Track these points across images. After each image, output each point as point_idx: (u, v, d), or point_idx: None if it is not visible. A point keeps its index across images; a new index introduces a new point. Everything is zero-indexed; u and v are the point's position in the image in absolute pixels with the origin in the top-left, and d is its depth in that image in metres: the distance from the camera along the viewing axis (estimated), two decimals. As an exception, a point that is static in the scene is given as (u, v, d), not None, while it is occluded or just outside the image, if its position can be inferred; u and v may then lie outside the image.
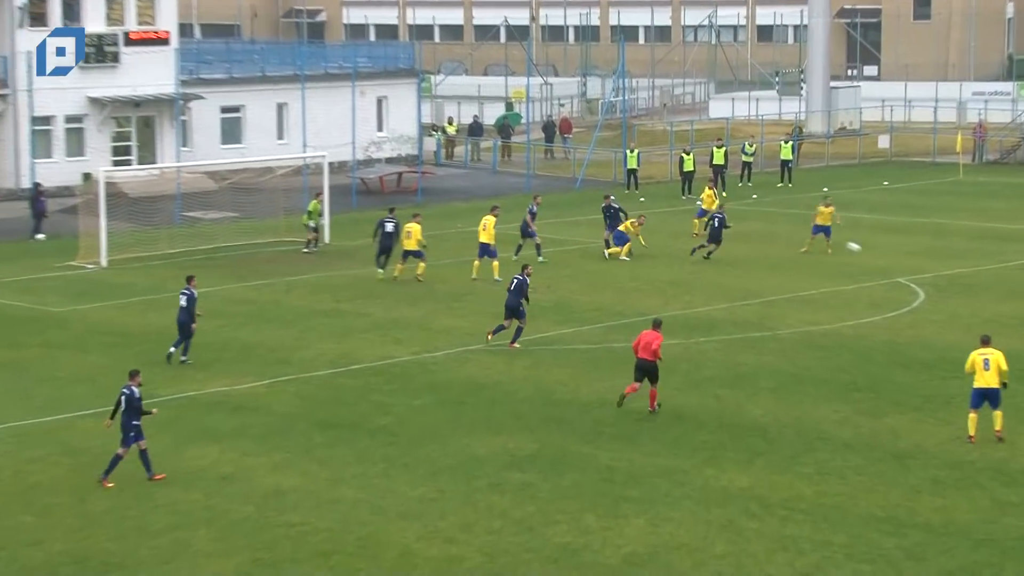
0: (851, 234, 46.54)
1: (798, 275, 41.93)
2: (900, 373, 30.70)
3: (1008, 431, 26.17)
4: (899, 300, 38.39)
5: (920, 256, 44.97)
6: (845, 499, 22.96)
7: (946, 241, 48.22)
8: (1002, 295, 38.85)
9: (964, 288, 39.90)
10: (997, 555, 20.53)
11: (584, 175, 65.76)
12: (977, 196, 59.30)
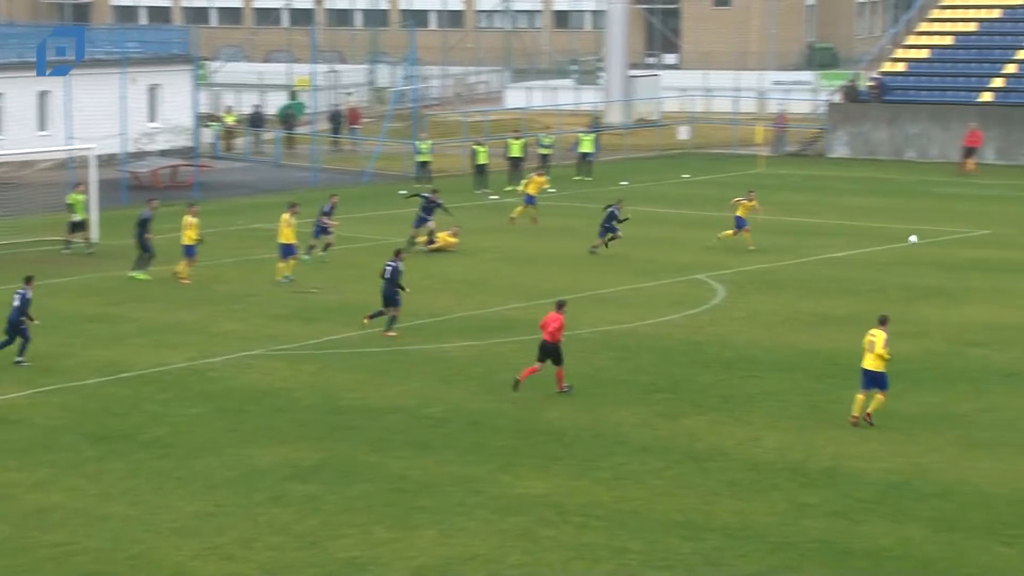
0: (652, 229, 47.44)
1: (597, 272, 42.59)
2: (700, 373, 31.42)
3: (806, 431, 27.02)
4: (699, 297, 39.26)
5: (721, 252, 46.00)
6: (642, 504, 23.45)
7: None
8: (802, 292, 40.01)
9: (764, 285, 40.96)
10: (795, 558, 21.18)
11: (373, 168, 65.81)
12: (778, 189, 60.84)
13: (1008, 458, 25.40)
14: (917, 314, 36.85)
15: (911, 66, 74.80)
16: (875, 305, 37.87)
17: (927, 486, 24.09)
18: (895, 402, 28.74)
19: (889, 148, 72.22)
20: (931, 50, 74.95)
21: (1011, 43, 73.04)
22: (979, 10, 75.56)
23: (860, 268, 43.52)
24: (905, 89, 73.70)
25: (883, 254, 45.99)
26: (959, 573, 20.56)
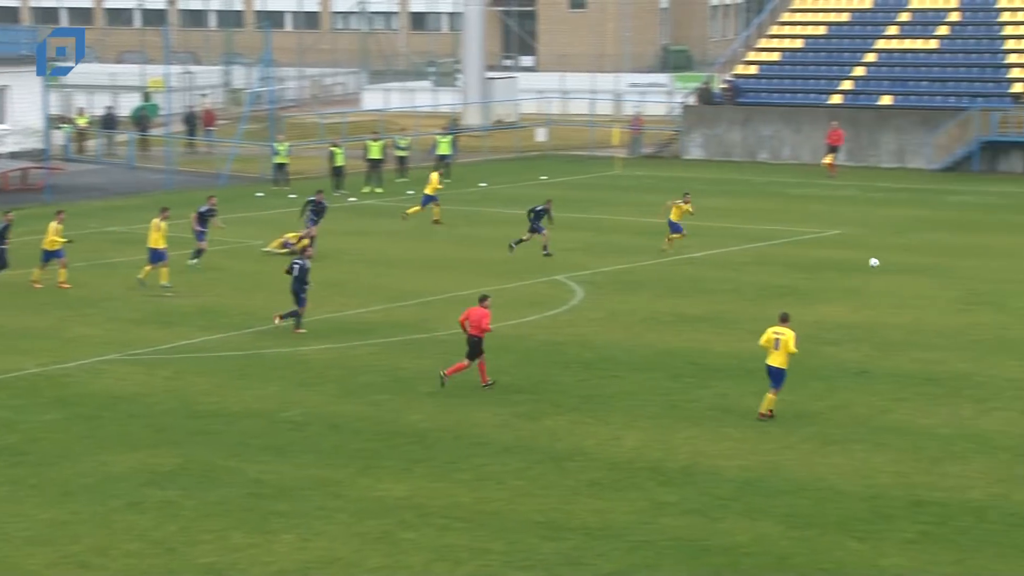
0: (510, 230, 47.56)
1: (457, 274, 42.61)
2: (560, 373, 31.57)
3: (665, 430, 27.29)
4: (558, 298, 39.45)
5: (579, 252, 46.30)
6: (504, 505, 23.51)
7: (605, 237, 49.76)
8: (660, 292, 40.35)
9: (623, 285, 41.27)
10: (653, 556, 21.37)
11: (230, 170, 65.25)
12: (635, 190, 61.39)
13: (860, 455, 25.82)
14: (771, 313, 37.12)
15: (763, 69, 75.86)
16: (731, 305, 38.40)
17: (782, 483, 24.41)
18: (750, 400, 29.13)
19: (743, 150, 73.11)
20: (782, 53, 76.07)
21: (859, 46, 74.36)
22: (828, 13, 76.80)
23: (716, 268, 44.03)
24: (757, 91, 74.70)
25: (738, 254, 46.56)
26: (813, 568, 20.85)
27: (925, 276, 42.23)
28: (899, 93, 71.08)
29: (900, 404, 29.00)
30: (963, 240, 48.76)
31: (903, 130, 69.23)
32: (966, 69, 70.90)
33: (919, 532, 22.08)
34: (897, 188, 62.48)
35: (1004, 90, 68.86)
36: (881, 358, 32.71)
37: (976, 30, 72.59)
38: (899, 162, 68.94)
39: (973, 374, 31.10)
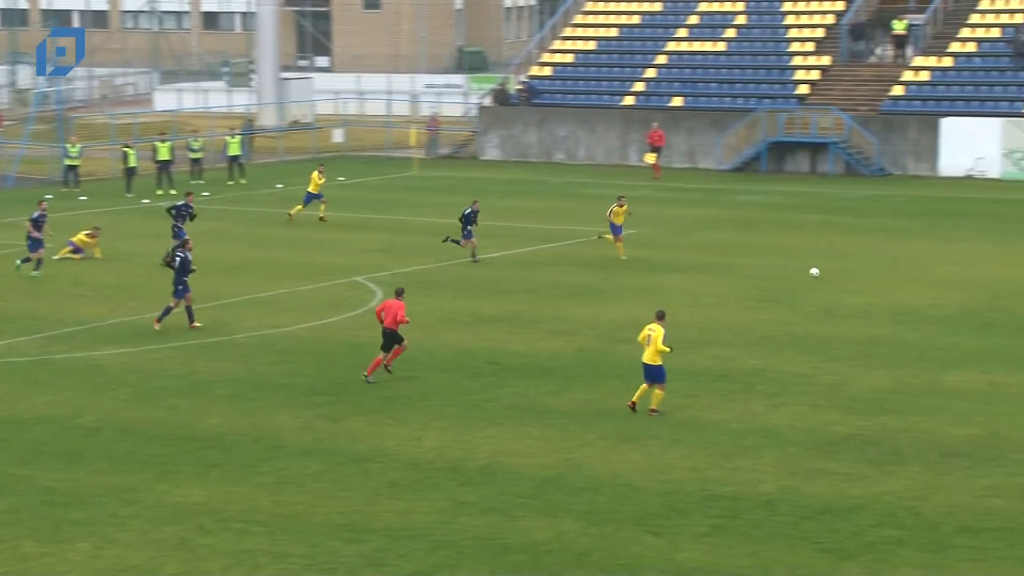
0: (308, 232, 47.28)
1: (254, 276, 42.25)
2: (360, 375, 31.47)
3: (464, 430, 27.39)
4: (358, 299, 39.33)
5: (378, 254, 46.24)
6: (304, 508, 23.39)
7: (404, 238, 49.74)
8: (458, 292, 40.48)
9: (422, 286, 41.23)
10: (454, 555, 21.44)
11: (17, 172, 63.77)
12: (433, 191, 61.50)
13: (655, 451, 26.20)
14: (569, 312, 37.72)
15: (557, 70, 76.49)
16: (528, 305, 38.66)
17: (580, 480, 24.67)
18: (549, 399, 29.40)
19: (539, 150, 73.65)
20: (575, 55, 76.84)
21: (650, 48, 75.39)
22: (619, 16, 77.73)
23: (513, 268, 44.31)
24: (552, 93, 75.31)
25: (535, 254, 46.92)
26: (611, 563, 21.10)
27: (716, 275, 43.00)
28: (689, 95, 72.25)
29: (694, 400, 29.50)
30: (752, 239, 49.77)
31: (694, 131, 70.43)
32: (753, 71, 72.37)
33: (712, 526, 22.47)
34: (688, 188, 63.54)
35: (790, 92, 70.45)
36: (675, 355, 33.15)
37: (762, 32, 74.13)
38: (690, 162, 70.13)
39: (764, 370, 31.76)
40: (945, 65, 68.24)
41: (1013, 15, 69.00)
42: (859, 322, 36.36)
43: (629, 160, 70.94)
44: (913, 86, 68.02)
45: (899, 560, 20.95)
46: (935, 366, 31.58)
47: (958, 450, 25.90)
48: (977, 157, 64.62)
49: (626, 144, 71.81)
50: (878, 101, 68.16)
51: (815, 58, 71.54)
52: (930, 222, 53.16)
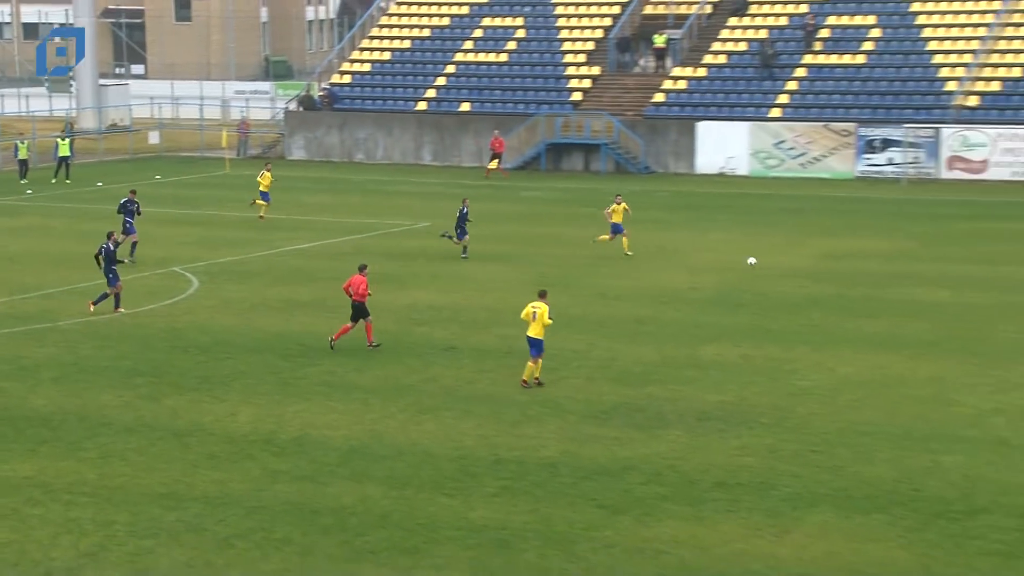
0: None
1: (76, 268, 41.35)
2: (179, 357, 31.10)
3: (277, 405, 27.26)
4: (176, 288, 38.79)
5: (194, 246, 45.62)
6: (128, 479, 23.07)
7: (218, 231, 49.16)
8: (270, 281, 40.18)
9: (236, 275, 40.91)
10: (268, 519, 21.34)
11: None
12: (244, 189, 60.74)
13: (449, 421, 26.38)
14: (370, 298, 37.61)
15: (356, 78, 76.25)
16: (334, 291, 38.51)
17: (383, 449, 24.74)
18: (354, 376, 29.40)
19: (341, 151, 73.43)
20: (372, 64, 76.65)
21: (440, 58, 75.55)
22: (412, 29, 77.71)
23: (320, 258, 44.13)
24: (352, 98, 75.10)
25: (340, 245, 46.78)
26: (410, 523, 21.20)
27: (503, 263, 43.36)
28: (476, 100, 72.63)
29: (483, 375, 29.75)
30: (534, 230, 50.25)
31: (481, 133, 70.77)
32: (532, 80, 72.99)
33: (501, 487, 22.73)
34: (477, 184, 63.83)
35: (565, 99, 71.23)
36: (467, 335, 33.48)
37: (539, 45, 74.70)
38: (478, 162, 70.43)
39: (546, 347, 32.08)
40: (700, 75, 69.66)
41: (758, 30, 70.72)
42: (628, 303, 37.02)
43: (423, 160, 71.12)
44: (673, 93, 69.31)
45: (664, 513, 21.42)
46: (693, 341, 32.31)
47: (713, 415, 26.55)
48: (728, 156, 66.13)
49: (420, 145, 71.98)
50: (642, 107, 69.30)
51: (587, 68, 72.42)
52: (688, 214, 54.27)
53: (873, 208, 55.16)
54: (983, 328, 33.35)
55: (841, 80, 66.97)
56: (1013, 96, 63.45)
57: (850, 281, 39.63)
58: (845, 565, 19.27)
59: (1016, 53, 64.98)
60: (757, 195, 59.58)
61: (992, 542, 19.95)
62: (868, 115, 64.85)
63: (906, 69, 66.40)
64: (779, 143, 65.35)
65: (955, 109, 63.63)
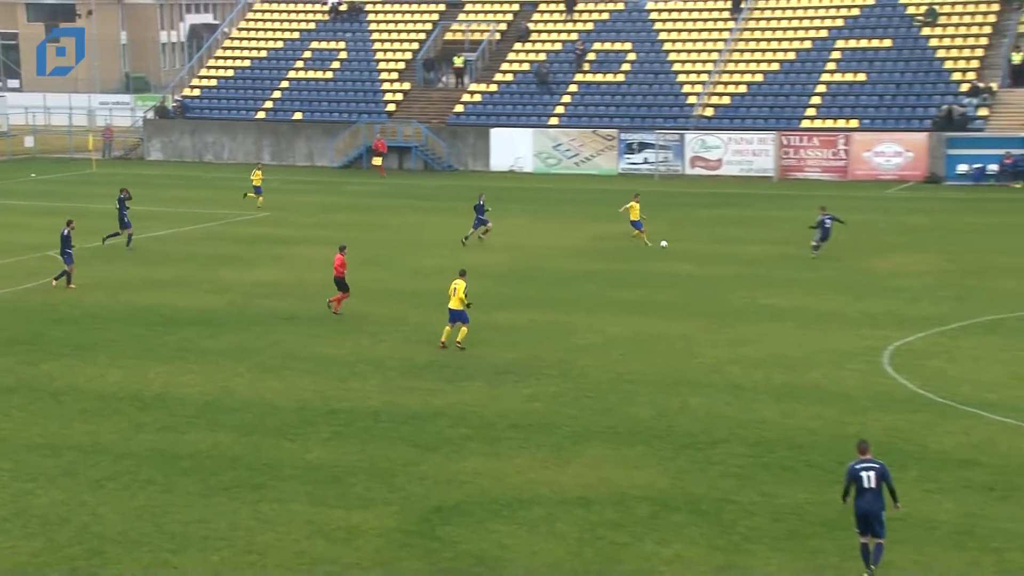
0: (4, 217, 44.50)
1: (-38, 253, 39.59)
2: (54, 328, 30.00)
3: (141, 368, 26.51)
4: (51, 269, 37.28)
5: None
6: (10, 433, 22.22)
7: (87, 221, 47.28)
8: (134, 263, 39.13)
9: (104, 258, 39.66)
10: (135, 464, 20.78)
11: None
12: (108, 184, 58.76)
13: (290, 378, 25.99)
14: (220, 276, 36.92)
15: (204, 91, 74.47)
16: (190, 271, 37.61)
17: (233, 403, 24.26)
18: (208, 342, 28.75)
19: (192, 153, 71.81)
20: (218, 80, 74.98)
21: (276, 75, 74.07)
22: (251, 51, 76.07)
23: (177, 243, 43.00)
24: (202, 108, 73.39)
25: (194, 232, 45.64)
26: (258, 464, 20.85)
27: (332, 245, 42.67)
28: (307, 111, 71.61)
29: (317, 339, 29.37)
30: (359, 219, 49.76)
31: (311, 138, 69.88)
32: (354, 93, 72.12)
33: (333, 432, 22.50)
34: (309, 181, 63.00)
35: (381, 108, 70.65)
36: (304, 306, 33.01)
37: (359, 64, 73.77)
38: (310, 162, 69.55)
39: (369, 315, 31.90)
40: (492, 90, 69.77)
41: (538, 54, 71.14)
42: (437, 278, 36.79)
43: (263, 160, 69.83)
44: (470, 105, 69.29)
45: (468, 451, 21.46)
46: (491, 308, 32.30)
47: (508, 369, 26.66)
48: (517, 157, 66.41)
49: (260, 148, 70.77)
50: (445, 116, 69.12)
51: (399, 84, 71.93)
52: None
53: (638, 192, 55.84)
54: (720, 295, 34.13)
55: (605, 94, 67.78)
56: (740, 108, 65.05)
57: (615, 258, 40.19)
58: (615, 488, 19.55)
59: (741, 74, 66.61)
60: (540, 188, 60.01)
61: (730, 466, 20.44)
62: (627, 123, 65.76)
63: (656, 85, 67.51)
64: (557, 146, 65.89)
65: (695, 118, 64.98)
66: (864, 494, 16.09)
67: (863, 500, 16.08)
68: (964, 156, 59.39)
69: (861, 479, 16.14)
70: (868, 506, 16.04)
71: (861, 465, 16.28)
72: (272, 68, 74.95)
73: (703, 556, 16.83)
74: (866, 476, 16.12)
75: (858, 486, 16.13)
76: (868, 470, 16.18)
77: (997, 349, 27.55)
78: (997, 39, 64.39)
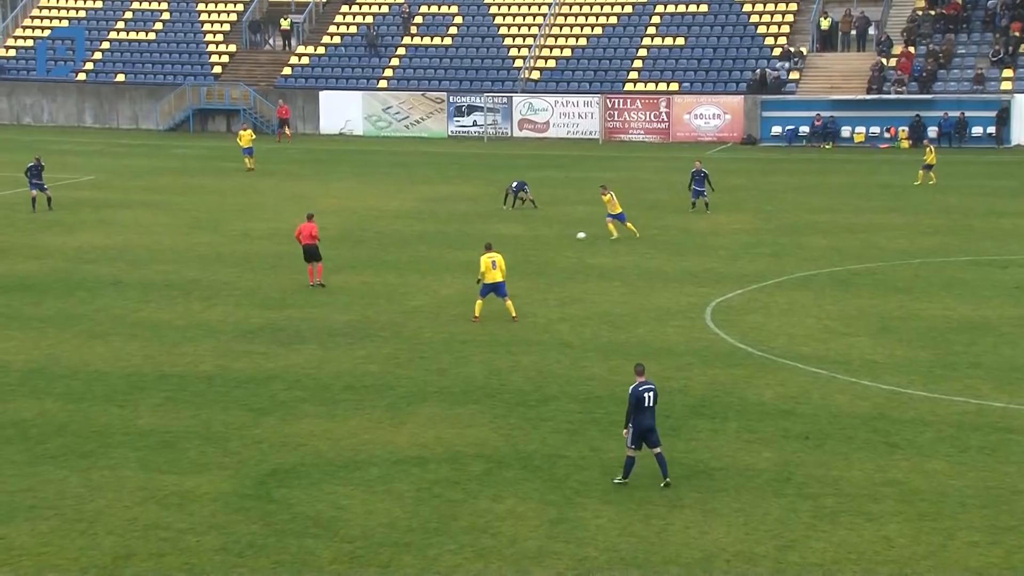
0: None
1: None
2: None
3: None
4: None
5: None
6: None
7: None
8: None
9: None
10: None
11: None
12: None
13: (118, 344, 25.33)
14: (42, 242, 35.67)
15: (20, 52, 71.81)
16: (8, 236, 36.14)
17: (60, 370, 23.53)
18: (31, 308, 27.77)
19: (10, 115, 69.27)
20: (35, 40, 72.17)
21: (96, 36, 71.76)
22: (68, 11, 73.43)
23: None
24: (18, 70, 70.61)
25: (11, 196, 43.88)
26: (86, 431, 20.23)
27: (159, 209, 41.82)
28: (130, 72, 69.52)
29: (147, 305, 28.68)
30: (186, 182, 48.68)
31: (136, 100, 67.99)
32: (178, 55, 70.39)
33: (165, 398, 22.02)
34: (135, 144, 61.24)
35: (208, 71, 69.07)
36: (131, 271, 32.17)
37: (183, 25, 71.98)
38: (135, 124, 67.66)
39: (199, 280, 31.27)
40: (320, 52, 68.86)
41: (365, 16, 70.42)
42: (267, 242, 36.39)
43: (85, 123, 67.66)
44: (298, 67, 68.27)
45: (302, 413, 21.25)
46: (324, 272, 31.94)
47: (342, 331, 26.47)
48: (346, 120, 65.80)
49: (82, 110, 68.53)
50: (273, 79, 67.96)
51: (224, 46, 70.40)
52: (316, 167, 53.75)
53: (462, 161, 56.09)
54: (548, 255, 34.45)
55: (434, 57, 67.56)
56: (565, 72, 65.64)
57: (446, 220, 40.22)
58: (449, 446, 19.63)
59: (566, 38, 67.18)
60: (370, 151, 59.59)
61: (561, 423, 20.72)
62: (456, 86, 65.72)
63: (483, 49, 67.59)
64: (387, 108, 65.45)
65: (522, 81, 65.31)
66: (645, 412, 17.57)
67: (645, 417, 17.56)
68: (777, 119, 61.21)
69: (644, 399, 17.58)
70: (649, 422, 17.59)
71: (644, 387, 17.70)
72: (92, 29, 72.49)
73: (536, 510, 17.07)
74: (648, 396, 17.61)
75: (640, 405, 17.58)
76: (649, 390, 17.66)
77: (809, 304, 28.56)
78: (806, 5, 66.38)
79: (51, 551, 15.76)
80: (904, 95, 59.93)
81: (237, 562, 15.51)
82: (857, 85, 61.49)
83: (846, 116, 60.33)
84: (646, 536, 16.25)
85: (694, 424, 20.42)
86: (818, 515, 16.88)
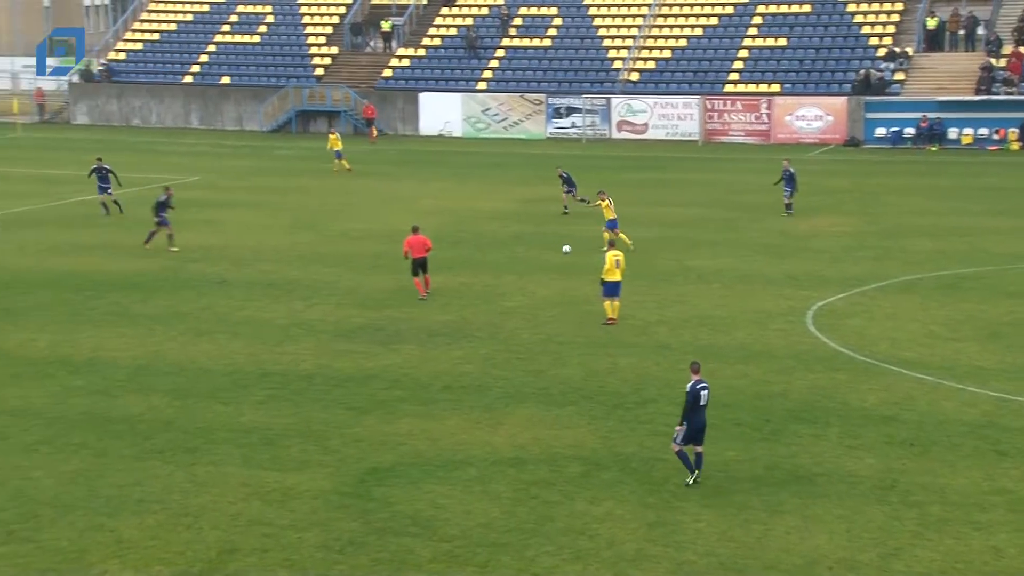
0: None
1: None
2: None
3: (71, 332, 26.08)
4: (-25, 235, 36.64)
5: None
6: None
7: (10, 186, 46.57)
8: (61, 227, 38.45)
9: (27, 224, 38.93)
10: (67, 427, 20.48)
11: None
12: (34, 148, 57.81)
13: (222, 342, 25.71)
14: (134, 241, 36.40)
15: (130, 55, 73.22)
16: (120, 235, 36.98)
17: (165, 367, 24.00)
18: (139, 307, 28.31)
19: (119, 117, 70.65)
20: (144, 43, 73.70)
21: (202, 39, 73.03)
22: (176, 14, 74.91)
23: (100, 206, 42.29)
24: (128, 72, 72.13)
25: (121, 196, 44.79)
26: (191, 427, 20.67)
27: (261, 209, 42.46)
28: (235, 75, 70.66)
29: (250, 303, 29.12)
30: (288, 183, 49.35)
31: (240, 102, 69.03)
32: (282, 58, 71.31)
33: (267, 395, 22.34)
34: (239, 145, 62.27)
35: (310, 73, 69.95)
36: (235, 270, 32.70)
37: (287, 28, 72.97)
38: (239, 126, 68.73)
39: (301, 279, 31.68)
40: (420, 55, 69.31)
41: (465, 19, 70.73)
42: (367, 242, 36.75)
43: (191, 124, 68.95)
44: (399, 69, 68.80)
45: (401, 412, 21.41)
46: (422, 272, 32.17)
47: (440, 332, 26.61)
48: (445, 121, 66.13)
49: (188, 112, 69.79)
50: (374, 80, 68.58)
51: (327, 48, 71.22)
52: (414, 168, 54.13)
53: (560, 162, 55.97)
54: (648, 257, 34.28)
55: (532, 59, 67.63)
56: (665, 72, 65.24)
57: (544, 221, 40.23)
58: (547, 447, 19.62)
59: (666, 39, 66.77)
60: (469, 152, 59.84)
61: (659, 425, 20.57)
62: (555, 88, 65.70)
63: (582, 50, 67.47)
64: (486, 110, 65.66)
65: (621, 83, 65.08)
66: (699, 410, 17.73)
67: (699, 415, 17.74)
68: (882, 120, 60.16)
69: (700, 396, 17.72)
70: (703, 420, 17.78)
71: (700, 385, 17.81)
72: (198, 32, 73.81)
73: (634, 513, 16.98)
74: (704, 394, 17.76)
75: (696, 403, 17.69)
76: (704, 388, 17.79)
77: (913, 308, 28.01)
78: (912, 5, 65.13)
79: (158, 544, 16.08)
80: (1014, 96, 58.53)
81: (337, 559, 15.67)
82: (965, 86, 60.18)
83: (953, 117, 59.07)
84: (746, 541, 16.07)
85: (795, 429, 20.15)
86: (924, 523, 16.54)
